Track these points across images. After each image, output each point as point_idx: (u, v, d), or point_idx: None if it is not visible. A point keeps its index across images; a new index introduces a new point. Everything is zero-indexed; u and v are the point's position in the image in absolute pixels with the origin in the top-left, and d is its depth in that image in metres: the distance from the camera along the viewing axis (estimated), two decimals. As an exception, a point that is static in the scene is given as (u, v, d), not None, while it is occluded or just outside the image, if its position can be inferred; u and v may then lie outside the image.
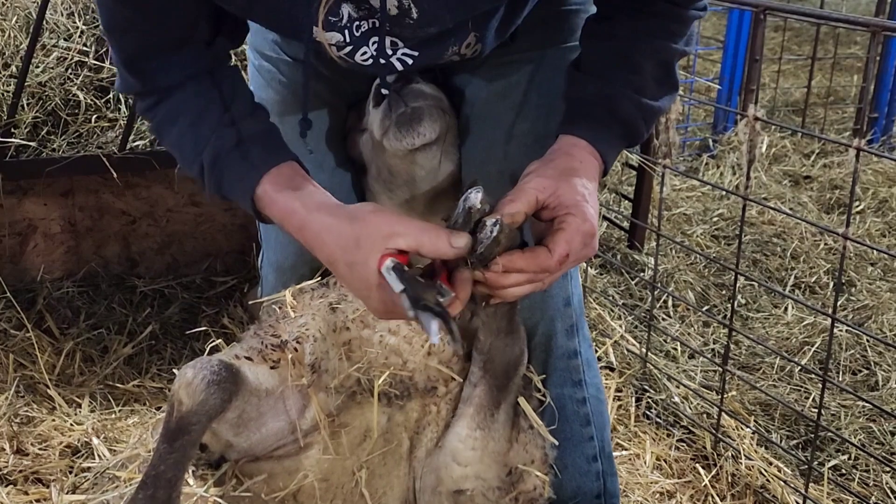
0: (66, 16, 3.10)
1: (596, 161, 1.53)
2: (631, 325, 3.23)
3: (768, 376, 3.01)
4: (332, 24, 1.47)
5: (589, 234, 1.43)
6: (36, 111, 2.89)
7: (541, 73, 1.75)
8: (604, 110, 1.55)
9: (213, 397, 1.43)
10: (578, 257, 1.44)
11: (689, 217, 4.21)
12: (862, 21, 2.68)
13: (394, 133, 1.66)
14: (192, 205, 3.36)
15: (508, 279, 1.40)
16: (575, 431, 1.92)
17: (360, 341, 1.67)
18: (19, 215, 3.15)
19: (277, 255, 1.91)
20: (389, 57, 1.52)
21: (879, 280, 3.66)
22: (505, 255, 1.37)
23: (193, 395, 1.42)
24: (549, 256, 1.40)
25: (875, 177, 4.62)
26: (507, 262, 1.38)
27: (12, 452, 2.35)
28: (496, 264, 1.37)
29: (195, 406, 1.42)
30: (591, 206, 1.44)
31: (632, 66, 1.55)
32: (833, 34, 6.24)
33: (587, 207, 1.43)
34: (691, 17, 1.58)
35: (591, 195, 1.46)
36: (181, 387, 1.42)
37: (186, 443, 1.44)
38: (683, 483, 2.49)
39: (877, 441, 2.69)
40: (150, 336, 2.99)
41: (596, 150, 1.53)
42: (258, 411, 1.61)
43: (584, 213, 1.42)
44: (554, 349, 1.87)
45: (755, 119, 2.24)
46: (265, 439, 1.64)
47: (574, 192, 1.44)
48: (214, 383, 1.43)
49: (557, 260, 1.40)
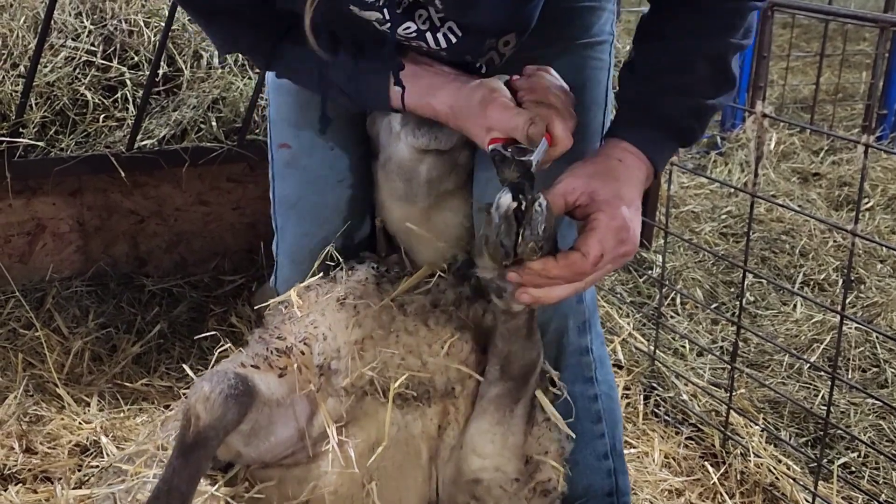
0: (74, 16, 3.11)
1: (640, 161, 1.51)
2: (639, 323, 3.23)
3: (777, 374, 3.00)
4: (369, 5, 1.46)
5: (622, 229, 1.40)
6: (44, 111, 2.89)
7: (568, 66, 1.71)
8: (648, 112, 1.53)
9: (230, 411, 1.43)
10: (616, 255, 1.42)
11: (697, 214, 4.20)
12: (871, 17, 2.68)
13: (413, 128, 1.69)
14: (201, 204, 3.36)
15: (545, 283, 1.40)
16: (586, 428, 1.92)
17: (374, 341, 1.66)
18: (28, 215, 3.16)
19: (293, 244, 1.92)
20: (438, 30, 1.50)
21: (889, 277, 3.65)
22: (538, 262, 1.37)
23: (211, 410, 1.41)
24: (584, 260, 1.38)
25: (884, 173, 4.60)
26: (543, 270, 1.38)
27: (21, 451, 2.36)
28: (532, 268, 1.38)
29: (213, 421, 1.41)
30: (626, 202, 1.42)
31: (681, 66, 1.52)
32: (842, 30, 6.21)
33: (619, 203, 1.41)
34: (749, 7, 1.52)
35: (628, 193, 1.44)
36: (198, 401, 1.41)
37: (202, 457, 1.44)
38: (692, 481, 2.48)
39: (886, 438, 2.68)
40: (158, 335, 3.00)
41: (640, 151, 1.51)
42: (269, 420, 1.59)
43: (613, 210, 1.40)
44: (566, 346, 1.87)
45: (763, 116, 2.24)
46: (274, 448, 1.63)
47: (607, 190, 1.42)
48: (232, 397, 1.43)
49: (592, 262, 1.38)
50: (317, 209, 1.86)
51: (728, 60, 1.54)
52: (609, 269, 1.46)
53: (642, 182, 1.50)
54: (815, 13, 4.64)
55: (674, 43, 1.53)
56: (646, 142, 1.51)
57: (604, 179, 1.43)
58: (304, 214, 1.88)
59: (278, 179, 1.92)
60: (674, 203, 4.19)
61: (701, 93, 1.53)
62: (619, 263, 1.47)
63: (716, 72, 1.53)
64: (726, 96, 1.58)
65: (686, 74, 1.52)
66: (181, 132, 3.00)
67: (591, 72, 1.76)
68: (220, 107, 3.07)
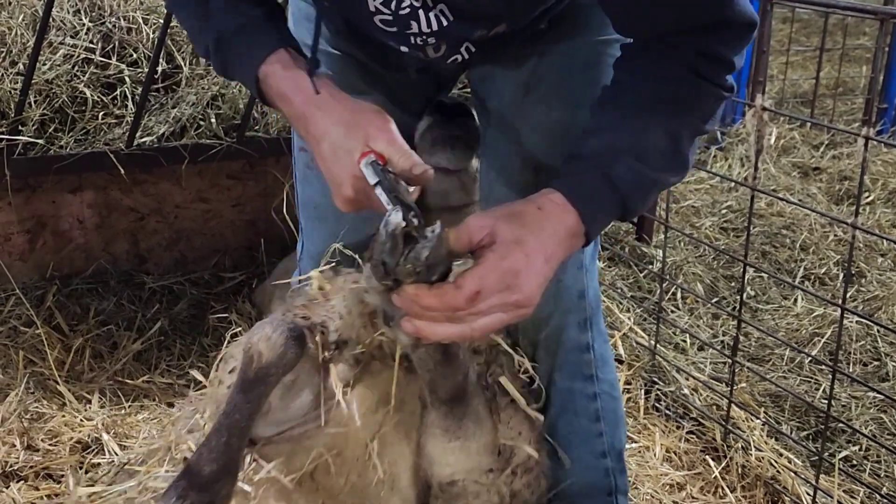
0: (73, 13, 3.11)
1: (565, 213, 1.38)
2: (640, 318, 3.23)
3: (778, 368, 3.00)
4: None
5: (510, 273, 1.28)
6: (43, 108, 2.89)
7: (568, 65, 1.72)
8: (591, 165, 1.43)
9: (290, 351, 1.49)
10: (504, 302, 1.29)
11: (697, 209, 4.20)
12: (870, 9, 2.67)
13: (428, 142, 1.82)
14: (200, 201, 3.36)
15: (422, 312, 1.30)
16: (584, 426, 1.91)
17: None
18: (28, 213, 3.16)
19: (317, 246, 1.91)
20: (430, 9, 1.48)
21: (889, 271, 3.65)
22: (411, 286, 1.29)
23: (274, 348, 1.48)
24: (457, 293, 1.26)
25: (885, 167, 4.60)
26: (415, 296, 1.28)
27: (23, 448, 2.36)
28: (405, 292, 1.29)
29: (275, 358, 1.48)
30: (527, 249, 1.30)
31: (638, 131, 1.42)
32: (841, 24, 6.21)
33: (515, 248, 1.29)
34: (712, 93, 1.43)
35: (535, 240, 1.32)
36: (261, 340, 1.48)
37: (261, 393, 1.50)
38: (693, 475, 2.48)
39: (888, 432, 2.68)
40: (158, 332, 3.00)
41: (568, 202, 1.39)
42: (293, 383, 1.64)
43: (505, 251, 1.29)
44: (565, 342, 1.86)
45: (763, 109, 2.24)
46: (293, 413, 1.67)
47: (509, 232, 1.31)
48: (291, 339, 1.50)
49: (466, 296, 1.26)
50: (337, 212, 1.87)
51: (681, 139, 1.45)
52: (501, 318, 1.32)
53: (562, 236, 1.37)
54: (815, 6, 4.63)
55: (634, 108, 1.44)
56: (581, 194, 1.40)
57: (511, 222, 1.33)
58: (326, 216, 1.88)
59: (300, 182, 1.94)
60: (674, 198, 4.19)
61: (652, 164, 1.43)
62: (511, 314, 1.32)
63: (668, 148, 1.43)
64: (675, 175, 1.50)
65: (642, 142, 1.43)
66: (180, 129, 3.00)
67: (605, 67, 1.75)
68: (219, 104, 3.07)
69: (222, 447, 1.48)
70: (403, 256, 1.27)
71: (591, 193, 1.40)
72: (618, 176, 1.40)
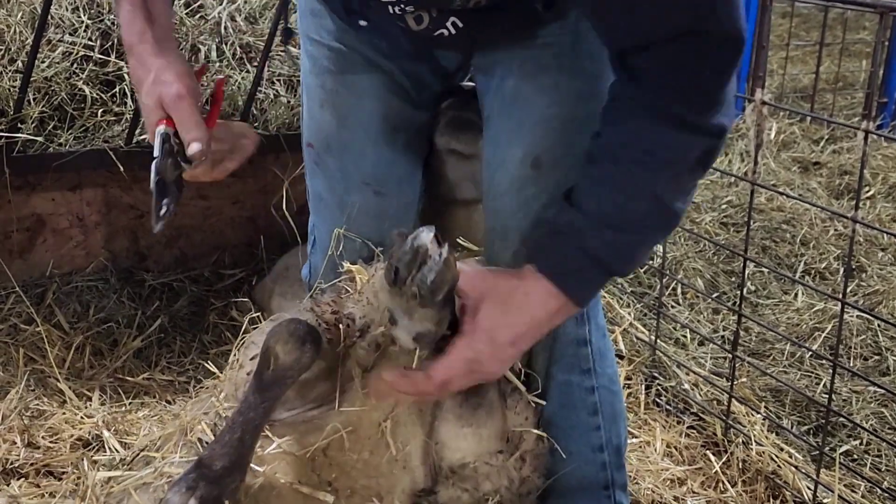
0: (71, 10, 3.10)
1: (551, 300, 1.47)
2: (640, 313, 3.23)
3: (779, 362, 3.00)
4: None
5: (474, 362, 1.45)
6: (42, 106, 2.89)
7: (571, 57, 1.70)
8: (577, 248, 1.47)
9: (306, 354, 1.52)
10: (465, 382, 1.49)
11: (697, 205, 4.19)
12: (870, 3, 2.67)
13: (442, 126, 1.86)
14: (200, 198, 3.36)
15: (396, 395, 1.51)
16: (581, 419, 1.90)
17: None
18: (27, 210, 3.15)
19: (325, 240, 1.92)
20: None
21: (890, 265, 3.65)
22: (388, 373, 1.49)
23: (291, 352, 1.51)
24: (428, 382, 1.45)
25: (885, 162, 4.59)
26: (391, 381, 1.48)
27: (23, 446, 2.36)
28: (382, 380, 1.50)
29: (291, 361, 1.51)
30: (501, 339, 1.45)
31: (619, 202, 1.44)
32: (841, 19, 6.20)
33: (484, 338, 1.44)
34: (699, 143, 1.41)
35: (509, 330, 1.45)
36: (278, 342, 1.50)
37: (277, 394, 1.54)
38: (694, 470, 2.48)
39: (888, 426, 2.68)
40: (159, 329, 3.00)
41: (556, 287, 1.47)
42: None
43: (472, 341, 1.44)
44: (560, 335, 1.85)
45: (762, 103, 2.23)
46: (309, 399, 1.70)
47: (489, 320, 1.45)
48: (308, 341, 1.52)
49: (436, 385, 1.45)
50: (343, 207, 1.89)
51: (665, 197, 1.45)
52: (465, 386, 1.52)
53: (542, 320, 1.48)
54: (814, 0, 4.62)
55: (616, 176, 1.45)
56: (564, 273, 1.47)
57: (495, 307, 1.45)
58: (333, 211, 1.90)
59: (309, 177, 1.95)
60: (674, 193, 4.18)
61: (637, 228, 1.46)
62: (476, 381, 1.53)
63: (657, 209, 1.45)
64: (663, 233, 1.56)
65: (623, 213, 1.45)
66: (180, 126, 3.00)
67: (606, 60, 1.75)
68: (218, 101, 3.06)
69: (235, 443, 1.50)
70: (412, 276, 1.38)
71: (575, 269, 1.47)
72: (599, 249, 1.46)
